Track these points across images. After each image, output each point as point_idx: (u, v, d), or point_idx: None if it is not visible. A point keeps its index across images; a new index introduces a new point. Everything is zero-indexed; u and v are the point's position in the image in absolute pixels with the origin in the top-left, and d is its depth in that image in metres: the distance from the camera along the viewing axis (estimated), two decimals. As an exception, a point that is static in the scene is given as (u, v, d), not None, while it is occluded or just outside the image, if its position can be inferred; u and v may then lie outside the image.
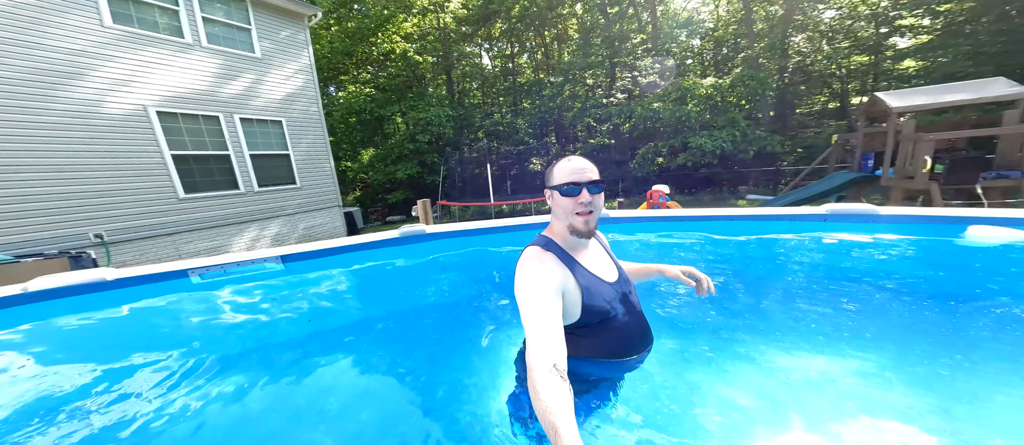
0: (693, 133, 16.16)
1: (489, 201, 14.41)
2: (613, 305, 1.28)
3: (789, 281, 2.75)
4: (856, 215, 3.33)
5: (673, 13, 20.24)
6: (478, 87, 22.87)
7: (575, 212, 1.26)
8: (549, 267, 1.21)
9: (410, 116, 19.22)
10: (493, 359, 1.85)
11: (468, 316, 2.56)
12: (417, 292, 3.18)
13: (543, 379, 0.90)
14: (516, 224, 4.16)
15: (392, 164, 19.49)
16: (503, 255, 3.95)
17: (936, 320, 2.09)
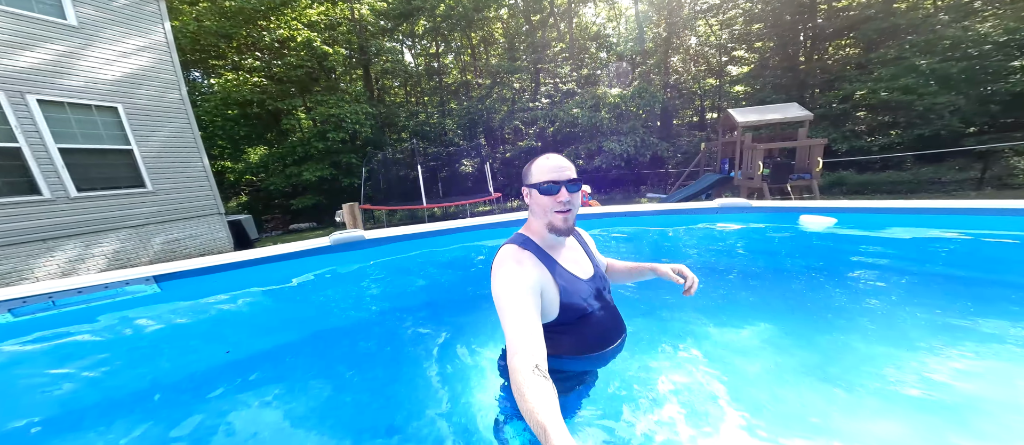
0: (605, 138, 15.99)
1: (421, 204, 12.10)
2: (589, 302, 1.14)
3: (709, 263, 2.77)
4: (738, 208, 3.57)
5: (585, 25, 20.20)
6: (400, 85, 18.82)
7: (554, 210, 1.10)
8: (527, 266, 1.06)
9: (318, 112, 15.60)
10: (468, 365, 1.49)
11: (432, 322, 2.02)
12: (363, 304, 2.46)
13: (526, 380, 0.78)
14: (467, 226, 3.41)
15: (295, 165, 15.52)
16: (454, 258, 3.26)
17: (810, 292, 2.20)
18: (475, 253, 3.37)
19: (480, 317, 1.93)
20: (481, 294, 2.36)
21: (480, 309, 2.05)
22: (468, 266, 3.14)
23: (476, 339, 1.67)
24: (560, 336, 1.11)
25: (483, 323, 1.84)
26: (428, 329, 1.94)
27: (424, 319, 2.09)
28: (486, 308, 1.68)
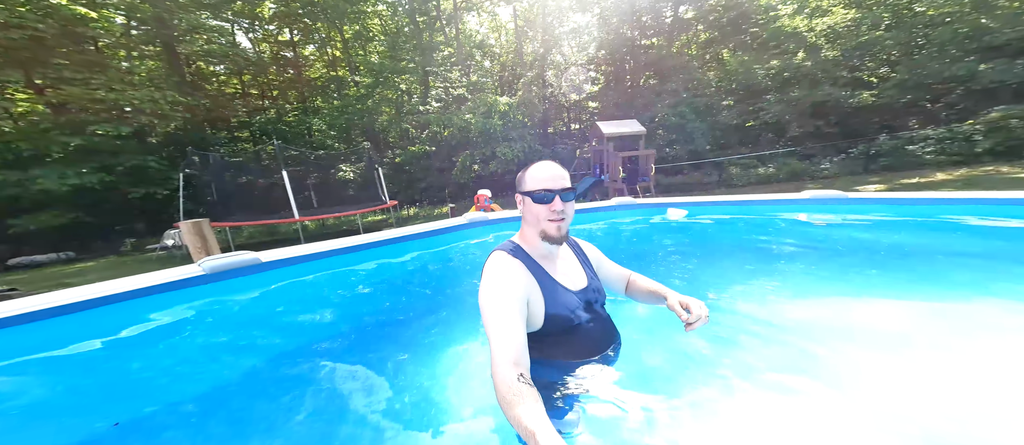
0: (498, 144, 13.28)
1: (291, 217, 7.10)
2: (576, 313, 0.92)
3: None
4: (630, 206, 3.39)
5: (470, 33, 17.27)
6: (232, 73, 10.22)
7: (548, 219, 0.90)
8: (515, 274, 0.88)
9: (69, 93, 8.17)
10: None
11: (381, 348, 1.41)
12: (263, 343, 1.53)
13: (511, 388, 0.65)
14: (403, 235, 2.54)
15: (16, 169, 7.69)
16: (385, 276, 2.31)
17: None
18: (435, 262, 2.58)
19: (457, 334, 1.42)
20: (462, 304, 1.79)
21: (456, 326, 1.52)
22: (434, 277, 2.40)
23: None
24: (547, 346, 0.93)
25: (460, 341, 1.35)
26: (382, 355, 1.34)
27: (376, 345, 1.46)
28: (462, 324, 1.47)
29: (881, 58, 10.55)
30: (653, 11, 14.96)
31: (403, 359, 1.21)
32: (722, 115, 12.77)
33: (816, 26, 11.43)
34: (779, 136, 11.85)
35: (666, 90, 13.61)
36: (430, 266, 2.43)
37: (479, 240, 2.87)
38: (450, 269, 2.46)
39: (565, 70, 19.31)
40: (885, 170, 8.62)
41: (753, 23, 13.21)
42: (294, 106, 13.14)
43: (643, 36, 15.97)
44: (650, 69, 15.19)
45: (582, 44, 18.24)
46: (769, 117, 11.32)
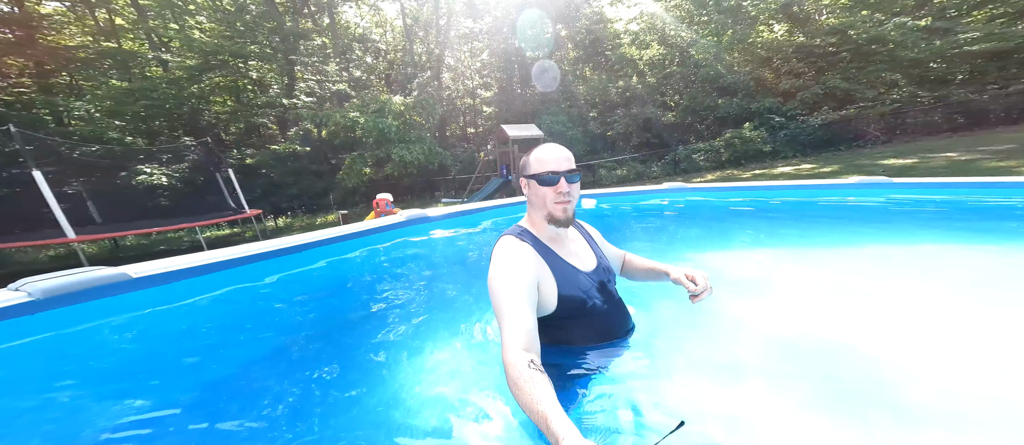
0: (394, 145, 12.72)
1: (61, 238, 5.10)
2: (590, 294, 0.89)
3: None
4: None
5: (346, 24, 16.29)
6: None
7: (554, 201, 0.87)
8: (524, 258, 0.85)
9: None
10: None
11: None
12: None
13: (522, 373, 0.63)
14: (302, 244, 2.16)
15: None
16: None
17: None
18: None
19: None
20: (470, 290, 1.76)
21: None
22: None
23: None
24: (561, 329, 0.90)
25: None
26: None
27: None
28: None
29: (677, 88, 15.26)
30: (535, 26, 16.63)
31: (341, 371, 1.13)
32: (590, 125, 15.44)
33: (643, 56, 15.38)
34: (627, 144, 15.47)
35: (549, 100, 15.58)
36: (370, 273, 2.21)
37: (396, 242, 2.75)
38: (387, 274, 2.25)
39: (461, 74, 19.65)
40: (684, 172, 12.47)
41: (607, 47, 16.25)
42: (29, 82, 8.69)
43: (528, 48, 17.66)
44: (534, 79, 17.11)
45: (475, 50, 18.94)
46: (620, 128, 14.62)
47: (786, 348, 1.03)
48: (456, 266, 2.38)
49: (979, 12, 9.85)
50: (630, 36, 15.47)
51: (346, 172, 12.03)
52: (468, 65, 19.58)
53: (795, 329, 1.13)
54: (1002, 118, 10.01)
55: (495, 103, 18.32)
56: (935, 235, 2.25)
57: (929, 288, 1.47)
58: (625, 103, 14.56)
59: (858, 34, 10.62)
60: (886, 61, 10.62)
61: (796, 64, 11.65)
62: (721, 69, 12.08)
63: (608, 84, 14.68)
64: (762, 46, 11.93)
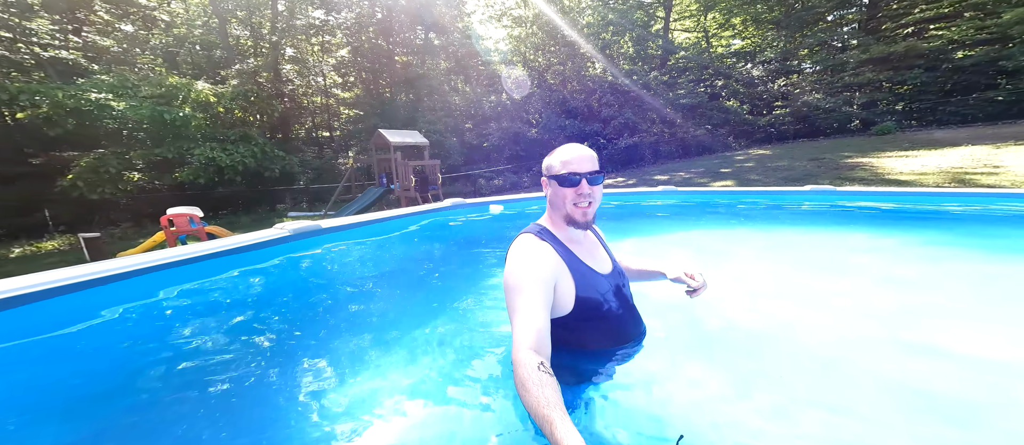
0: (195, 144, 9.60)
1: None
2: (606, 297, 0.91)
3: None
4: (462, 206, 3.85)
5: None
6: None
7: (573, 203, 0.88)
8: (543, 257, 0.86)
9: None
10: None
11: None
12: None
13: (531, 375, 0.64)
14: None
15: None
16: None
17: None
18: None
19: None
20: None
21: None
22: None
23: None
24: (576, 331, 0.88)
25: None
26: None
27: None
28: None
29: (537, 107, 18.00)
30: (407, 28, 15.75)
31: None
32: (467, 135, 16.01)
33: (511, 75, 17.41)
34: (500, 156, 16.89)
35: (425, 107, 14.95)
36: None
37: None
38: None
39: (309, 68, 16.47)
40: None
41: (479, 62, 17.03)
42: None
43: (398, 51, 16.42)
44: (408, 85, 15.94)
45: (328, 45, 16.27)
46: (495, 140, 15.92)
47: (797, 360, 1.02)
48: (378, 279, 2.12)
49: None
50: (499, 54, 17.26)
51: (81, 178, 7.53)
52: (319, 60, 16.64)
53: (807, 342, 1.13)
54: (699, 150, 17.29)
55: (360, 106, 16.29)
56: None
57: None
58: (497, 117, 15.93)
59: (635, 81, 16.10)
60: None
61: (610, 97, 16.04)
62: (566, 94, 15.15)
63: (482, 97, 15.74)
64: (589, 79, 15.82)
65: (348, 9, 15.11)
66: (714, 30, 17.47)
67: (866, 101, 12.42)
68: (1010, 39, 10.60)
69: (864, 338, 1.19)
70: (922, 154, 7.54)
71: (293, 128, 16.08)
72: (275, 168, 10.82)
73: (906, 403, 0.85)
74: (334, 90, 17.58)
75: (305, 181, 13.29)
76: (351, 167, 11.03)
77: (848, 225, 2.80)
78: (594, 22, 15.57)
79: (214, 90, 9.99)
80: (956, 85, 11.62)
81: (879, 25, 13.91)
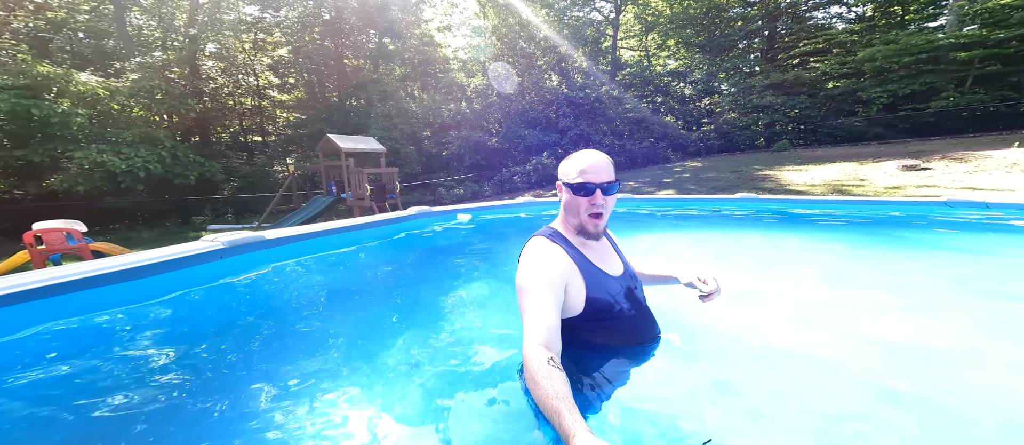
0: (77, 146, 8.06)
1: None
2: (617, 299, 0.93)
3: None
4: (428, 214, 3.69)
5: None
6: None
7: (586, 213, 0.91)
8: (555, 258, 0.89)
9: None
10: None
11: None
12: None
13: (540, 369, 0.67)
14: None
15: None
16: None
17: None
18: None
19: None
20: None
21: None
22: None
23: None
24: (586, 331, 0.91)
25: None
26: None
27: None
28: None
29: (496, 116, 18.28)
30: (359, 31, 14.88)
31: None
32: (425, 144, 15.56)
33: (470, 84, 17.33)
34: (461, 164, 16.68)
35: (378, 113, 14.19)
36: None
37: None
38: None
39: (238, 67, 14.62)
40: (508, 192, 14.92)
41: (437, 70, 16.81)
42: None
43: (347, 54, 15.50)
44: (359, 90, 15.10)
45: (260, 43, 14.57)
46: (454, 149, 15.67)
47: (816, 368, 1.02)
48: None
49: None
50: (459, 63, 17.18)
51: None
52: (251, 58, 14.91)
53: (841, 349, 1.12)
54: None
55: (303, 109, 14.90)
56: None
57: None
58: (457, 125, 15.74)
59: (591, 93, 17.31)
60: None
61: (567, 109, 16.95)
62: (525, 105, 15.63)
63: (441, 105, 15.46)
64: (547, 91, 16.54)
65: (289, 7, 13.95)
66: (653, 50, 19.71)
67: (768, 121, 14.83)
68: (863, 74, 13.60)
69: (816, 328, 1.28)
70: (809, 168, 9.13)
71: (215, 131, 14.00)
72: (190, 175, 9.24)
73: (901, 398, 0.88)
74: (270, 91, 15.85)
75: (230, 190, 11.57)
76: (292, 175, 9.90)
77: (772, 228, 3.30)
78: (550, 36, 16.49)
79: (105, 84, 8.30)
80: (829, 110, 14.51)
81: (776, 55, 16.91)
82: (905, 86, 12.30)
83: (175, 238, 7.57)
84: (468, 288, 1.97)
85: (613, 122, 15.62)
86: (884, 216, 3.13)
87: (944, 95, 11.82)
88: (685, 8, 17.13)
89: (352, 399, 0.94)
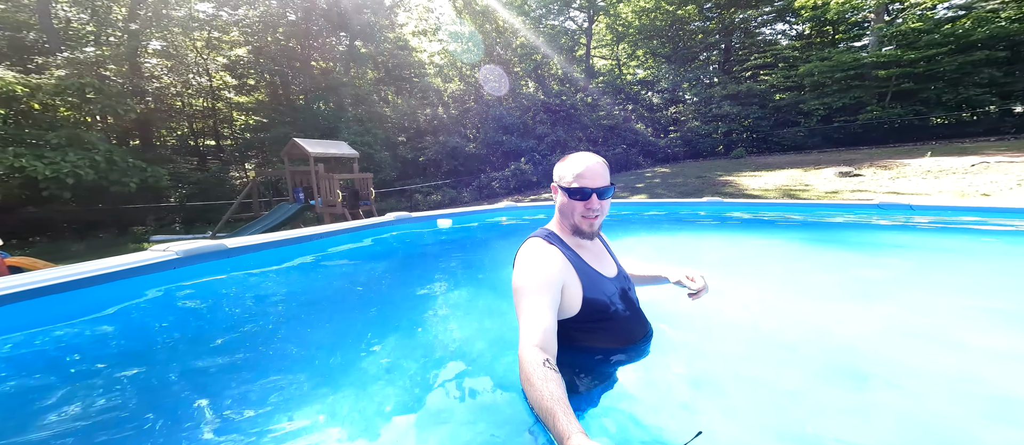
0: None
1: None
2: (612, 300, 0.95)
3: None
4: (407, 220, 3.61)
5: None
6: None
7: (581, 215, 0.92)
8: (552, 260, 0.90)
9: None
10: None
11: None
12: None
13: (536, 370, 0.67)
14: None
15: None
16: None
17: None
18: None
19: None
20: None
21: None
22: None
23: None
24: (584, 332, 0.92)
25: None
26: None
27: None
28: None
29: (474, 122, 18.21)
30: (328, 33, 14.32)
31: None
32: (400, 149, 15.05)
33: (447, 89, 16.95)
34: (438, 170, 16.41)
35: (350, 118, 13.55)
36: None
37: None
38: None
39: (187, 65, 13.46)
40: (487, 197, 14.69)
41: (412, 74, 16.40)
42: None
43: (316, 56, 14.85)
44: (329, 93, 14.53)
45: (216, 41, 13.55)
46: (431, 154, 15.38)
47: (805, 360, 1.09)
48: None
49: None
50: (435, 68, 16.95)
51: None
52: (203, 57, 13.77)
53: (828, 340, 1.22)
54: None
55: (264, 111, 13.98)
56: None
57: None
58: (433, 131, 15.49)
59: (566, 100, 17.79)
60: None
61: (543, 115, 17.28)
62: (502, 111, 15.75)
63: (417, 110, 15.15)
64: (524, 97, 16.79)
65: (250, 6, 13.14)
66: (624, 59, 20.71)
67: (726, 130, 15.97)
68: (803, 87, 15.10)
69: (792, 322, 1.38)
70: (763, 174, 9.98)
71: (159, 133, 12.75)
72: (129, 181, 8.32)
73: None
74: (225, 92, 14.74)
75: (178, 197, 10.53)
76: (253, 181, 9.22)
77: (736, 229, 3.61)
78: (527, 43, 16.81)
79: (23, 80, 7.30)
80: (777, 121, 15.95)
81: (732, 67, 18.39)
82: (838, 99, 13.79)
83: (110, 251, 6.72)
84: (453, 293, 1.91)
85: (588, 129, 16.11)
86: (829, 218, 3.50)
87: (869, 109, 13.33)
88: (652, 20, 18.24)
89: (335, 411, 0.87)
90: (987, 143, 9.94)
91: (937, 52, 11.85)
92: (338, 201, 7.60)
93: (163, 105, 12.43)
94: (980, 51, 11.61)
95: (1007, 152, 7.84)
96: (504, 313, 1.41)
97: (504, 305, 1.46)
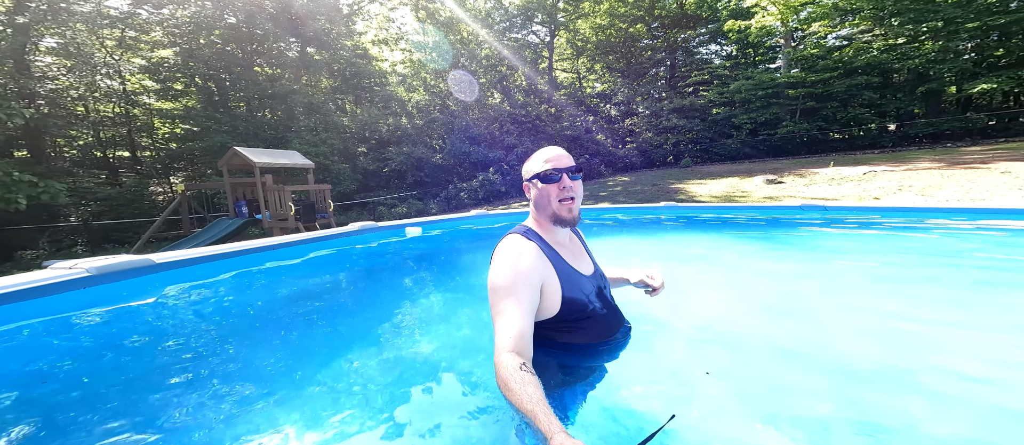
0: None
1: None
2: (590, 299, 0.96)
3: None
4: (372, 229, 3.52)
5: None
6: None
7: (558, 199, 0.93)
8: (530, 256, 0.89)
9: None
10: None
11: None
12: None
13: (513, 375, 0.66)
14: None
15: None
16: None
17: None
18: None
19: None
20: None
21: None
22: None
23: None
24: (561, 331, 0.95)
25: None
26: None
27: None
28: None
29: (440, 132, 18.10)
30: (275, 38, 13.56)
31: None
32: (360, 160, 14.49)
33: (411, 99, 16.67)
34: (403, 181, 15.97)
35: (302, 127, 12.86)
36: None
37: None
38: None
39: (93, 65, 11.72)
40: (455, 208, 14.77)
41: (373, 83, 16.04)
42: None
43: (259, 61, 13.93)
44: (276, 101, 13.54)
45: (132, 40, 12.19)
46: (395, 165, 14.92)
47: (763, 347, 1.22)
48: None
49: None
50: (398, 77, 16.69)
51: None
52: (112, 57, 12.10)
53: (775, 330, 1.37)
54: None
55: (196, 119, 12.59)
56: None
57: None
58: (397, 141, 15.13)
59: (533, 111, 18.66)
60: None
61: (511, 126, 17.84)
62: (469, 121, 15.99)
63: (379, 120, 14.74)
64: (491, 108, 17.24)
65: (178, 5, 12.01)
66: (584, 73, 22.33)
67: (675, 141, 17.84)
68: (735, 103, 17.57)
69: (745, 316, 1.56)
70: (707, 182, 11.18)
71: (55, 142, 10.81)
72: (16, 198, 6.94)
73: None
74: (144, 98, 13.07)
75: (80, 216, 8.93)
76: (181, 195, 8.17)
77: (689, 229, 4.09)
78: (492, 55, 17.43)
79: None
80: (716, 133, 18.25)
81: (677, 83, 20.79)
82: (761, 115, 16.22)
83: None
84: (422, 301, 1.89)
85: (553, 139, 16.93)
86: (765, 218, 4.09)
87: (785, 124, 15.82)
88: (607, 36, 20.07)
89: (298, 432, 0.83)
90: (873, 155, 12.31)
91: (830, 76, 14.61)
92: (290, 214, 7.07)
93: (60, 110, 10.61)
94: (861, 76, 14.56)
95: (888, 162, 9.74)
96: (477, 319, 1.45)
97: (480, 310, 1.50)
